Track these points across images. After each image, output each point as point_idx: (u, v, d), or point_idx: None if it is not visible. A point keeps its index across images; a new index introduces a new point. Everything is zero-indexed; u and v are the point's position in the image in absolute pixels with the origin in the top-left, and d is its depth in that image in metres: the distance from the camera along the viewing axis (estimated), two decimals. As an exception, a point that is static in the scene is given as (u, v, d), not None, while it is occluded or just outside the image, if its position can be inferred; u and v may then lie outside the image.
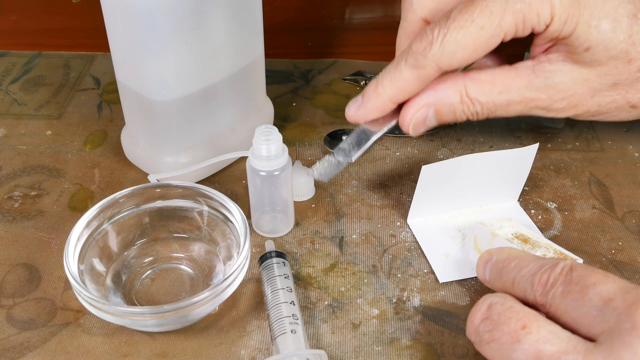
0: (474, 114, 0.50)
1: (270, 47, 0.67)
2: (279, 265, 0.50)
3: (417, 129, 0.51)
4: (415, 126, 0.50)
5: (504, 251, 0.45)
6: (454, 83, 0.49)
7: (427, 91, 0.49)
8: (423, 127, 0.51)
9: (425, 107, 0.50)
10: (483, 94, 0.49)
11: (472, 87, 0.49)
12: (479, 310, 0.41)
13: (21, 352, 0.46)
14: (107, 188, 0.59)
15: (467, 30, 0.46)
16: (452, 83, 0.49)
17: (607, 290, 0.38)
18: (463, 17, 0.46)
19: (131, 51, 0.52)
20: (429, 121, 0.50)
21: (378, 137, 0.51)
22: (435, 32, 0.46)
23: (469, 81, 0.49)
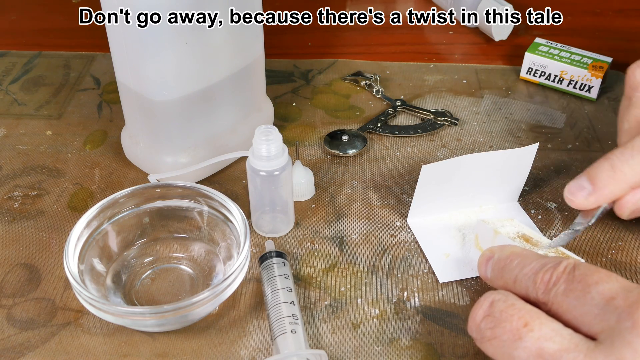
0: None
1: (270, 47, 0.67)
2: (279, 265, 0.49)
3: (632, 215, 0.50)
4: (633, 213, 0.49)
5: (506, 249, 0.45)
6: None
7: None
8: (637, 215, 0.50)
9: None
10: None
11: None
12: (481, 307, 0.41)
13: (21, 352, 0.46)
14: (107, 188, 0.59)
15: None
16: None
17: (609, 289, 0.38)
18: None
19: (131, 51, 0.52)
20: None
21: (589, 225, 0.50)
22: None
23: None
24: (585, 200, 0.49)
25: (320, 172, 0.60)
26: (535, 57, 0.70)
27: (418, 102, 0.69)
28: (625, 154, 0.47)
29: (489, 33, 0.77)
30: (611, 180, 0.48)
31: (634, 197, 0.48)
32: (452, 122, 0.65)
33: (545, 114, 0.67)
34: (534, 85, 0.71)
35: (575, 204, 0.49)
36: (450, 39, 0.79)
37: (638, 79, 0.50)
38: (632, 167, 0.47)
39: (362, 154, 0.62)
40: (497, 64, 0.74)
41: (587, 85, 0.68)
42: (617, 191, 0.48)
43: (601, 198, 0.48)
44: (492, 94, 0.70)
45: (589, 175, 0.49)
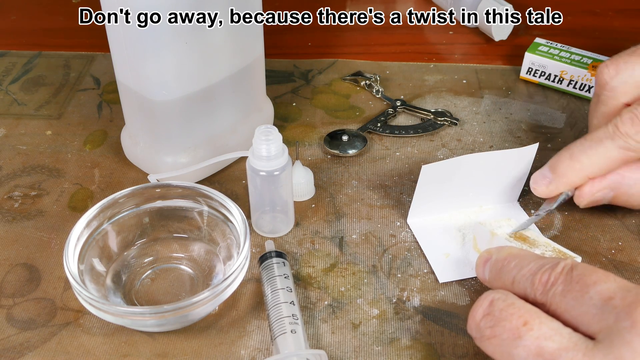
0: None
1: (270, 47, 0.67)
2: (279, 265, 0.49)
3: (588, 205, 0.52)
4: (589, 203, 0.52)
5: (503, 250, 0.45)
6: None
7: (613, 174, 0.50)
8: (594, 204, 0.52)
9: (607, 189, 0.51)
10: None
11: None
12: (481, 306, 0.41)
13: (21, 352, 0.46)
14: (107, 188, 0.59)
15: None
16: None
17: (607, 288, 0.38)
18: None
19: (131, 51, 0.52)
20: (604, 201, 0.52)
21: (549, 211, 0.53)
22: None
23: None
24: (547, 188, 0.52)
25: (320, 172, 0.60)
26: (535, 57, 0.70)
27: (418, 102, 0.69)
28: (584, 145, 0.50)
29: (489, 33, 0.77)
30: (570, 169, 0.51)
31: (591, 188, 0.51)
32: (452, 122, 0.65)
33: (545, 114, 0.67)
34: (534, 85, 0.71)
35: (538, 192, 0.53)
36: (450, 39, 0.79)
37: (606, 78, 0.52)
38: (590, 157, 0.50)
39: (362, 154, 0.62)
40: (497, 64, 0.74)
41: (587, 85, 0.68)
42: (575, 180, 0.51)
43: (561, 186, 0.51)
44: (492, 94, 0.70)
45: (550, 164, 0.52)
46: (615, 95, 0.52)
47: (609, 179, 0.51)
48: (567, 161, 0.51)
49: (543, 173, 0.52)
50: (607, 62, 0.53)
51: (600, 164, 0.50)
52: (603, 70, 0.52)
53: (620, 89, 0.52)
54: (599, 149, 0.49)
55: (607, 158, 0.49)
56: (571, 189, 0.52)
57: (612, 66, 0.52)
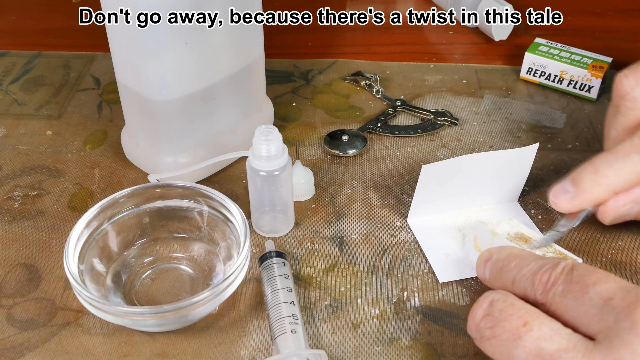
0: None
1: (270, 47, 0.67)
2: (279, 265, 0.49)
3: (614, 221, 0.50)
4: (615, 219, 0.50)
5: (504, 250, 0.45)
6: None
7: (637, 187, 0.49)
8: (619, 220, 0.51)
9: (633, 202, 0.49)
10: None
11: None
12: (481, 307, 0.41)
13: (21, 352, 0.46)
14: (107, 188, 0.59)
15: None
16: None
17: (607, 289, 0.38)
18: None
19: (131, 51, 0.52)
20: (628, 217, 0.50)
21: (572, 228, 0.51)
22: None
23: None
24: (569, 203, 0.49)
25: (320, 172, 0.60)
26: (535, 57, 0.70)
27: (418, 102, 0.69)
28: (610, 159, 0.48)
29: (489, 33, 0.77)
30: (594, 184, 0.48)
31: (616, 202, 0.49)
32: (452, 122, 0.65)
33: (545, 114, 0.67)
34: (534, 85, 0.71)
35: (560, 207, 0.50)
36: (450, 39, 0.79)
37: (626, 88, 0.50)
38: (616, 171, 0.48)
39: (362, 154, 0.62)
40: (497, 64, 0.74)
41: (587, 85, 0.68)
42: (600, 195, 0.49)
43: (584, 202, 0.49)
44: (492, 94, 0.70)
45: (573, 179, 0.49)
46: (637, 106, 0.50)
47: (634, 193, 0.49)
48: (592, 175, 0.48)
49: (564, 187, 0.50)
50: (627, 71, 0.51)
51: (627, 179, 0.48)
52: (623, 80, 0.51)
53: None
54: (625, 163, 0.48)
55: (634, 172, 0.48)
56: (594, 205, 0.50)
57: (632, 76, 0.50)
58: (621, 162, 0.48)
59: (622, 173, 0.48)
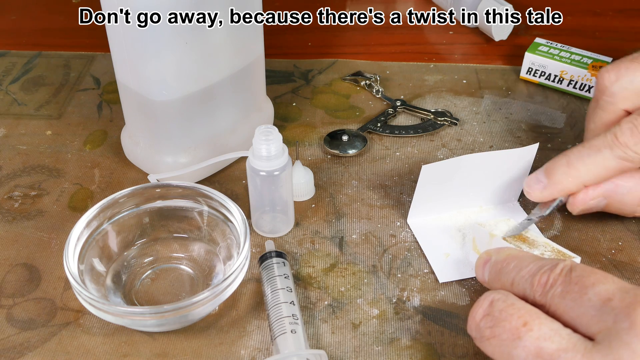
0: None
1: (270, 47, 0.67)
2: (279, 265, 0.50)
3: (582, 212, 0.52)
4: (583, 211, 0.52)
5: (502, 252, 0.45)
6: (637, 184, 0.50)
7: (607, 182, 0.50)
8: (588, 212, 0.52)
9: (601, 196, 0.51)
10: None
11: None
12: (481, 307, 0.41)
13: (21, 352, 0.46)
14: (107, 188, 0.59)
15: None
16: (635, 183, 0.50)
17: (606, 290, 0.38)
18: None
19: (131, 51, 0.52)
20: (596, 209, 0.52)
21: (542, 217, 0.52)
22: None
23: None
24: (541, 193, 0.51)
25: (320, 172, 0.60)
26: (535, 57, 0.70)
27: (418, 102, 0.69)
28: (582, 152, 0.50)
29: (489, 33, 0.77)
30: (565, 176, 0.50)
31: (585, 195, 0.51)
32: (452, 122, 0.65)
33: (545, 114, 0.67)
34: (534, 85, 0.71)
35: (532, 196, 0.52)
36: (450, 39, 0.79)
37: (606, 83, 0.52)
38: (587, 165, 0.49)
39: (362, 154, 0.62)
40: (497, 64, 0.74)
41: (587, 85, 0.68)
42: (571, 187, 0.50)
43: (555, 192, 0.51)
44: (492, 94, 0.70)
45: (546, 169, 0.51)
46: (615, 101, 0.51)
47: (603, 187, 0.50)
48: (564, 168, 0.50)
49: (538, 177, 0.51)
50: (609, 66, 0.52)
51: (597, 173, 0.49)
52: (604, 75, 0.52)
53: (620, 95, 0.51)
54: (597, 157, 0.49)
55: (604, 167, 0.49)
56: (565, 195, 0.52)
57: (613, 71, 0.51)
58: (593, 156, 0.49)
59: (592, 167, 0.49)
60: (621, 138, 0.48)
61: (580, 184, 0.50)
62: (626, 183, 0.50)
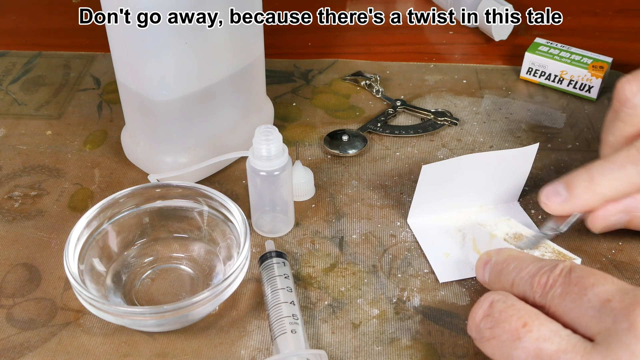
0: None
1: (270, 47, 0.67)
2: (279, 265, 0.50)
3: (604, 230, 0.50)
4: (604, 228, 0.50)
5: (503, 252, 0.45)
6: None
7: (629, 198, 0.49)
8: (609, 229, 0.51)
9: (622, 212, 0.49)
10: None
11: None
12: (481, 307, 0.41)
13: (21, 352, 0.46)
14: (107, 188, 0.59)
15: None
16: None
17: (606, 291, 0.38)
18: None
19: (131, 51, 0.52)
20: (618, 225, 0.50)
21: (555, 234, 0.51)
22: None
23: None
24: (560, 206, 0.50)
25: (320, 172, 0.60)
26: (535, 57, 0.70)
27: (418, 102, 0.69)
28: (605, 167, 0.48)
29: (489, 33, 0.77)
30: (587, 191, 0.48)
31: (606, 212, 0.49)
32: (452, 122, 0.65)
33: (545, 114, 0.67)
34: (534, 85, 0.71)
35: (550, 208, 0.50)
36: (450, 39, 0.79)
37: (627, 94, 0.50)
38: (610, 181, 0.48)
39: (362, 154, 0.62)
40: (497, 64, 0.74)
41: (587, 85, 0.68)
42: (592, 202, 0.49)
43: (575, 207, 0.49)
44: (492, 94, 0.70)
45: (566, 182, 0.49)
46: (637, 113, 0.50)
47: (623, 203, 0.49)
48: (586, 183, 0.48)
49: (557, 190, 0.50)
50: (629, 77, 0.50)
51: (621, 189, 0.48)
52: (624, 86, 0.50)
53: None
54: (620, 174, 0.47)
55: (628, 184, 0.48)
56: (585, 211, 0.50)
57: (635, 82, 0.50)
58: (616, 172, 0.48)
59: (615, 183, 0.48)
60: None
61: (601, 200, 0.49)
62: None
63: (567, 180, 0.50)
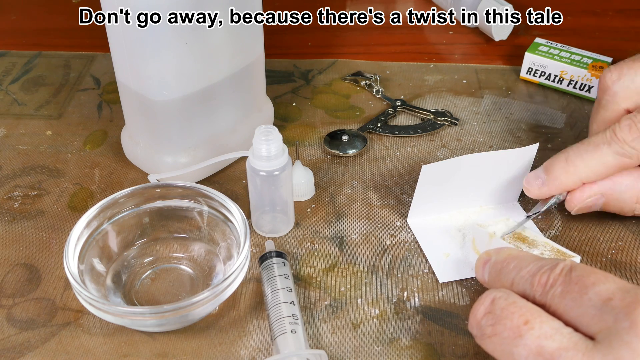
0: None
1: (270, 47, 0.67)
2: (279, 265, 0.50)
3: (580, 211, 0.52)
4: (581, 209, 0.52)
5: (502, 252, 0.45)
6: (635, 181, 0.50)
7: (604, 180, 0.50)
8: (586, 210, 0.52)
9: (598, 195, 0.51)
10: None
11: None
12: (482, 304, 0.41)
13: (21, 352, 0.46)
14: (107, 188, 0.59)
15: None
16: (633, 180, 0.50)
17: (606, 289, 0.38)
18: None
19: (131, 51, 0.52)
20: (594, 207, 0.52)
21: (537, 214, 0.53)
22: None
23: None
24: (539, 189, 0.52)
25: (320, 172, 0.60)
26: (535, 57, 0.70)
27: (418, 102, 0.69)
28: (581, 149, 0.50)
29: (489, 33, 0.77)
30: (564, 172, 0.50)
31: (582, 193, 0.51)
32: (452, 122, 0.65)
33: (545, 114, 0.67)
34: (534, 85, 0.71)
35: (531, 192, 0.52)
36: (450, 39, 0.79)
37: (608, 83, 0.52)
38: (585, 161, 0.50)
39: (362, 154, 0.62)
40: (497, 64, 0.74)
41: (587, 85, 0.68)
42: (569, 184, 0.51)
43: (553, 188, 0.51)
44: (492, 94, 0.70)
45: (545, 166, 0.52)
46: (616, 100, 0.52)
47: (600, 185, 0.50)
48: (562, 164, 0.50)
49: (537, 174, 0.52)
50: (611, 67, 0.53)
51: (596, 169, 0.50)
52: (606, 74, 0.52)
53: (621, 94, 0.52)
54: (595, 153, 0.49)
55: (602, 163, 0.49)
56: (563, 192, 0.52)
57: (615, 71, 0.52)
58: (591, 152, 0.49)
59: (591, 163, 0.49)
60: (619, 134, 0.48)
61: (578, 181, 0.50)
62: (624, 180, 0.50)
63: (545, 164, 0.52)
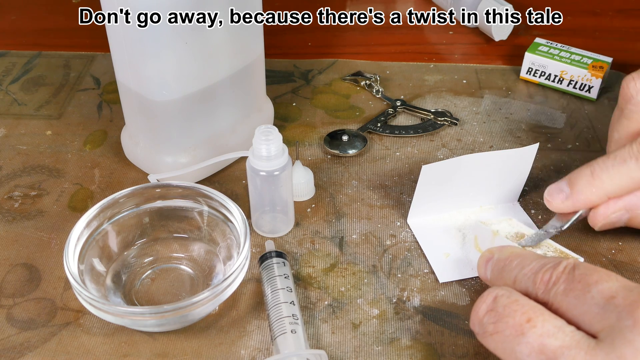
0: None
1: (270, 47, 0.67)
2: (279, 265, 0.49)
3: (604, 227, 0.50)
4: (605, 226, 0.50)
5: (505, 249, 0.45)
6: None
7: (629, 195, 0.48)
8: (609, 227, 0.50)
9: (623, 210, 0.49)
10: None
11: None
12: (484, 302, 0.41)
13: (21, 352, 0.46)
14: (107, 188, 0.59)
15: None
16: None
17: (609, 288, 0.38)
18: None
19: (131, 51, 0.52)
20: (618, 223, 0.50)
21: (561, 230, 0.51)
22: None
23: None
24: (562, 203, 0.50)
25: (320, 172, 0.60)
26: (535, 57, 0.70)
27: (418, 102, 0.69)
28: (607, 163, 0.48)
29: (489, 33, 0.77)
30: (589, 186, 0.48)
31: (606, 209, 0.49)
32: (452, 122, 0.65)
33: (545, 114, 0.67)
34: (534, 85, 0.71)
35: (553, 206, 0.50)
36: (450, 39, 0.79)
37: (632, 92, 0.50)
38: (612, 176, 0.48)
39: (362, 154, 0.62)
40: (497, 64, 0.74)
41: (587, 85, 0.68)
42: (594, 198, 0.49)
43: (577, 203, 0.49)
44: (492, 94, 0.70)
45: (569, 179, 0.50)
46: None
47: (625, 200, 0.49)
48: (588, 178, 0.48)
49: (560, 187, 0.50)
50: (634, 74, 0.51)
51: (622, 185, 0.48)
52: (629, 83, 0.51)
53: None
54: (622, 168, 0.47)
55: (629, 179, 0.47)
56: (587, 207, 0.50)
57: (639, 79, 0.50)
58: (617, 167, 0.48)
59: (617, 178, 0.48)
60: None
61: (603, 196, 0.49)
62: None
63: (569, 176, 0.50)
